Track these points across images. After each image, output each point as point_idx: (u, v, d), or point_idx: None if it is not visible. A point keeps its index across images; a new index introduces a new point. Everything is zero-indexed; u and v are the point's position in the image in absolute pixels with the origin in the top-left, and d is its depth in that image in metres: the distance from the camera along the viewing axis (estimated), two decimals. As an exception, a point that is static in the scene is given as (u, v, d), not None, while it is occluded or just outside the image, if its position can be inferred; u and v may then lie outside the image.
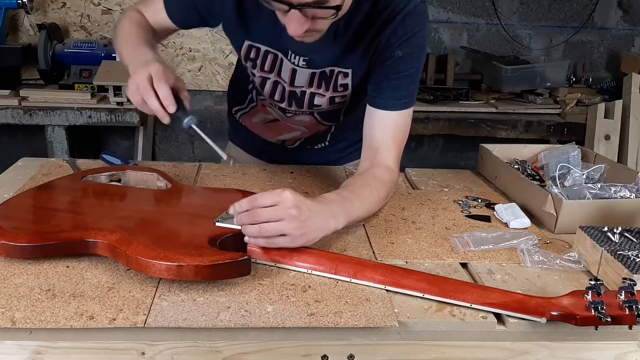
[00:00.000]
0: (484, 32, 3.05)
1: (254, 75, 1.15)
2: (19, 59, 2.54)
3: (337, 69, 1.10)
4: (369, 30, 1.03)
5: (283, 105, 1.19)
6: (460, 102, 2.79)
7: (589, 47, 3.13)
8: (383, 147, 1.07)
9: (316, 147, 1.36)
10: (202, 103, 2.97)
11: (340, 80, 1.11)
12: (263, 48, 1.10)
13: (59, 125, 2.34)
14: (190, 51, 2.84)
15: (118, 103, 2.34)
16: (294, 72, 1.11)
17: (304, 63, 1.09)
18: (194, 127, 0.97)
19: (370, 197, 0.99)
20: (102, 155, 1.24)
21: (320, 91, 1.13)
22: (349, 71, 1.09)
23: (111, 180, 1.07)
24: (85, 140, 2.79)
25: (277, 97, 1.17)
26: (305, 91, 1.14)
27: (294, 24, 0.89)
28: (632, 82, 2.70)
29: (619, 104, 2.69)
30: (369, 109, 1.09)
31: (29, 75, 2.66)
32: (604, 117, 2.68)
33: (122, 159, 1.22)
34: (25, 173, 1.18)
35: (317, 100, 1.15)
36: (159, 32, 1.17)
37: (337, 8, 0.89)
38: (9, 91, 2.37)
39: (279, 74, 1.13)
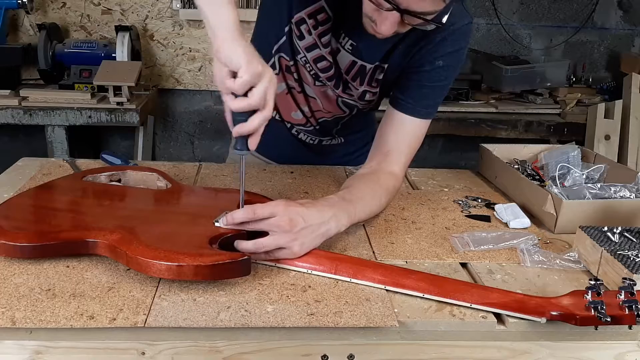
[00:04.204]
0: (484, 32, 3.05)
1: (304, 35, 1.08)
2: (19, 59, 2.54)
3: (372, 65, 1.09)
4: (417, 31, 1.02)
5: (323, 75, 1.13)
6: (460, 102, 2.79)
7: (589, 47, 3.13)
8: (395, 151, 1.07)
9: (332, 142, 1.35)
10: (202, 103, 2.97)
11: (377, 75, 1.11)
12: (328, 17, 1.05)
13: (59, 125, 2.35)
14: (190, 51, 2.84)
15: (118, 103, 2.34)
16: (337, 50, 1.09)
17: (350, 47, 1.07)
18: (244, 158, 0.86)
19: (372, 201, 1.00)
20: (102, 155, 1.24)
21: (355, 84, 1.13)
22: (385, 66, 1.09)
23: (111, 180, 1.07)
24: (85, 140, 2.79)
25: (320, 65, 1.12)
26: (343, 75, 1.13)
27: (389, 25, 0.89)
28: (632, 82, 2.70)
29: (619, 104, 2.69)
30: (391, 111, 1.09)
31: (29, 75, 2.67)
32: (604, 117, 2.68)
33: (122, 159, 1.22)
34: (25, 173, 1.18)
35: (351, 87, 1.14)
36: None
37: (438, 24, 0.89)
38: (9, 91, 2.37)
39: (329, 50, 1.10)
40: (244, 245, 0.82)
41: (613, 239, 0.89)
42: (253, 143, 0.81)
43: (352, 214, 0.92)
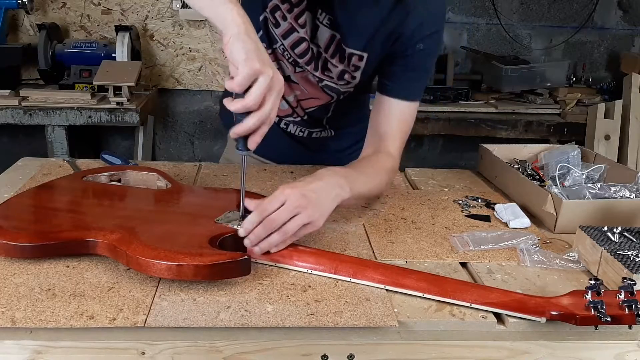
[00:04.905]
0: (484, 32, 3.05)
1: (279, 22, 1.10)
2: (19, 59, 2.54)
3: (351, 50, 1.11)
4: (395, 16, 1.05)
5: (302, 60, 1.15)
6: (460, 102, 2.79)
7: (589, 47, 3.13)
8: (388, 134, 1.11)
9: (323, 134, 1.35)
10: (202, 103, 2.97)
11: (354, 62, 1.12)
12: None
13: (59, 125, 2.35)
14: (190, 51, 2.84)
15: (118, 103, 2.34)
16: (316, 27, 1.10)
17: (328, 22, 1.09)
18: (245, 158, 0.87)
19: (374, 177, 1.03)
20: (102, 155, 1.24)
21: (334, 61, 1.14)
22: (365, 55, 1.11)
23: (111, 180, 1.07)
24: (85, 140, 2.79)
25: (298, 50, 1.13)
26: (322, 53, 1.14)
27: None
28: (632, 82, 2.70)
29: (619, 104, 2.69)
30: (379, 97, 1.13)
31: (29, 75, 2.67)
32: (604, 117, 2.68)
33: (122, 159, 1.22)
34: (25, 173, 1.18)
35: (330, 67, 1.15)
36: None
37: None
38: (9, 91, 2.37)
39: (306, 30, 1.10)
40: (268, 241, 0.83)
41: (613, 239, 0.89)
42: (252, 143, 0.82)
43: (353, 182, 0.94)
